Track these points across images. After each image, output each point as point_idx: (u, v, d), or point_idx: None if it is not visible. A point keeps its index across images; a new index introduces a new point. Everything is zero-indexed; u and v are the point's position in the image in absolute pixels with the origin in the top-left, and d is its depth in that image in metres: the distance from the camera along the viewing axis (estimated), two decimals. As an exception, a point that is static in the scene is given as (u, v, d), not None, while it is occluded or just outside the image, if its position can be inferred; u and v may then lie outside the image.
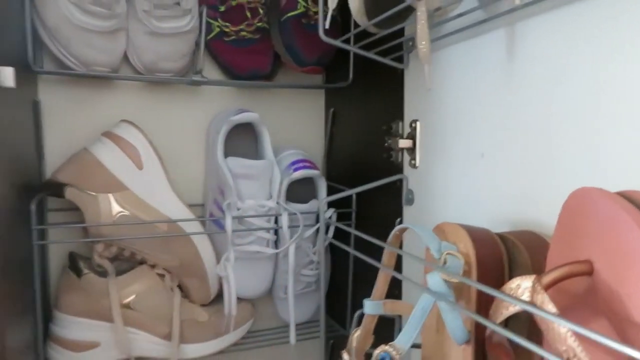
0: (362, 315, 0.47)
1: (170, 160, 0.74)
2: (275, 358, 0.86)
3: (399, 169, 0.61)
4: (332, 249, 0.83)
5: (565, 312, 0.28)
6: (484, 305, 0.36)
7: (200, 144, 0.79)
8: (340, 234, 0.75)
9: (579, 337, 0.25)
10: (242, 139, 0.76)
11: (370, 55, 0.58)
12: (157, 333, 0.70)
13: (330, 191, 0.71)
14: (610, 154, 0.35)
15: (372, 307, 0.45)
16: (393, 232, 0.44)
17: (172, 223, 0.69)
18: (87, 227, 0.66)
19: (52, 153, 0.70)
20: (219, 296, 0.75)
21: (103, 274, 0.69)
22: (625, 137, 0.34)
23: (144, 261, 0.71)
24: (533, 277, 0.28)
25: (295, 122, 0.84)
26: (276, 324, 0.85)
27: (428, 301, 0.37)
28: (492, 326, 0.30)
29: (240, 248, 0.71)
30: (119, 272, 0.70)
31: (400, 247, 0.47)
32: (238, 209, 0.70)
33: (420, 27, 0.43)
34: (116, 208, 0.67)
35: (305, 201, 0.75)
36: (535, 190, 0.41)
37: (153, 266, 0.72)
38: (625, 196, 0.28)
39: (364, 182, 0.60)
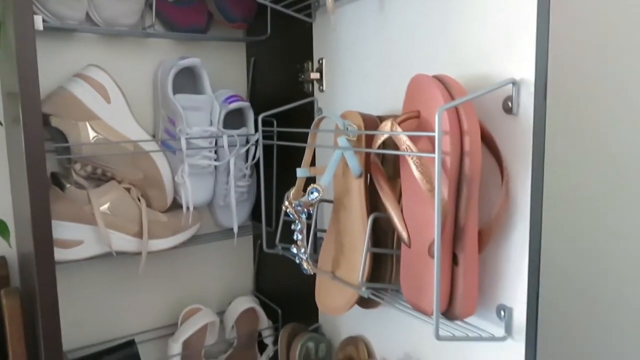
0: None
1: (127, 97, 0.92)
2: (217, 252, 1.09)
3: (310, 94, 0.87)
4: (259, 167, 1.07)
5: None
6: (369, 153, 0.63)
7: (148, 85, 0.98)
8: (265, 153, 0.99)
9: (411, 138, 0.53)
10: (185, 81, 0.97)
11: (285, 10, 0.82)
12: (129, 232, 0.89)
13: (255, 122, 0.95)
14: (432, 62, 0.63)
15: (302, 172, 0.71)
16: (315, 120, 0.69)
17: (137, 145, 0.89)
18: (71, 147, 0.83)
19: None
20: (173, 205, 0.96)
21: (82, 187, 0.87)
22: (437, 55, 0.62)
23: (113, 178, 0.90)
24: (391, 118, 0.55)
25: (224, 69, 1.06)
26: (216, 229, 1.08)
27: (338, 154, 0.64)
28: (371, 150, 0.57)
29: (192, 161, 0.93)
30: (94, 187, 0.88)
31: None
32: (187, 134, 0.91)
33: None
34: (92, 133, 0.85)
35: (237, 128, 0.98)
36: (399, 94, 0.69)
37: (120, 182, 0.91)
38: (436, 77, 0.56)
39: (284, 111, 0.85)
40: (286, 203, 0.69)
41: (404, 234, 0.59)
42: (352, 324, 0.82)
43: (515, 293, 0.55)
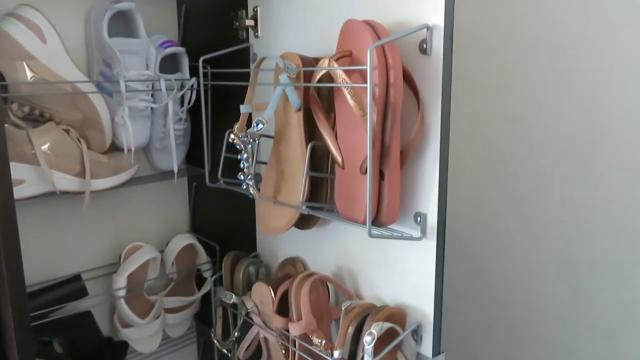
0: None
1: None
2: (154, 194, 1.15)
3: (245, 41, 0.94)
4: (194, 112, 1.12)
5: (342, 71, 0.65)
6: (307, 88, 0.72)
7: (80, 28, 0.98)
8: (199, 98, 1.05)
9: (345, 72, 0.62)
10: (118, 25, 0.99)
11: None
12: (71, 172, 0.92)
13: (192, 69, 1.00)
14: (358, 10, 0.73)
15: (245, 108, 0.78)
16: (257, 60, 0.77)
17: (75, 86, 0.91)
18: (8, 86, 0.84)
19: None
20: (110, 148, 1.00)
21: (20, 128, 0.88)
22: (363, 3, 0.72)
23: (51, 119, 0.92)
24: (328, 57, 0.64)
25: (156, 15, 1.09)
26: (152, 172, 1.12)
27: (280, 90, 0.72)
28: (310, 84, 0.66)
29: (130, 103, 0.96)
30: (32, 128, 0.89)
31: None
32: (125, 77, 0.95)
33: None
34: (29, 73, 0.86)
35: (171, 73, 1.02)
36: (328, 39, 0.78)
37: (59, 123, 0.93)
38: (365, 21, 0.66)
39: (219, 57, 0.90)
40: (232, 136, 0.77)
41: (339, 158, 0.70)
42: (288, 247, 0.93)
43: (428, 201, 0.67)
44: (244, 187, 0.78)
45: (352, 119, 0.67)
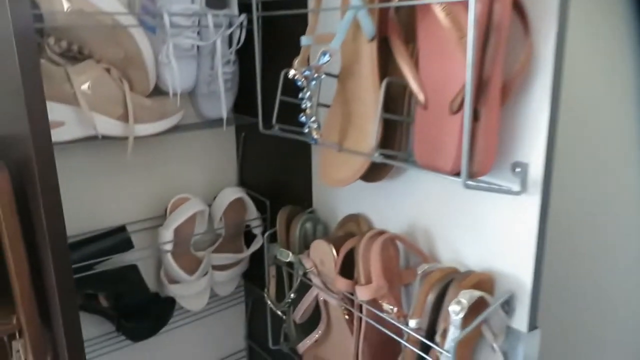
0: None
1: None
2: (200, 143, 1.06)
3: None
4: (242, 56, 1.01)
5: None
6: (385, 10, 0.60)
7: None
8: (249, 39, 0.94)
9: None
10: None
11: None
12: (112, 115, 0.84)
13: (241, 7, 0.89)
14: None
15: (306, 39, 0.67)
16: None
17: (115, 19, 0.82)
18: (44, 16, 0.76)
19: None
20: (155, 90, 0.91)
21: (57, 65, 0.80)
22: None
23: (90, 56, 0.83)
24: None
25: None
26: (198, 119, 1.03)
27: (350, 14, 0.61)
28: (390, 4, 0.54)
29: (175, 40, 0.86)
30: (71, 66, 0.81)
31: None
32: (168, 11, 0.85)
33: None
34: (66, 4, 0.77)
35: (219, 9, 0.92)
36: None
37: (99, 61, 0.84)
38: None
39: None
40: (292, 72, 0.66)
41: (421, 95, 0.58)
42: (350, 203, 0.83)
43: (531, 149, 0.56)
44: (306, 130, 0.68)
45: (441, 47, 0.55)
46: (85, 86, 0.81)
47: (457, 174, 0.56)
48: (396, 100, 0.66)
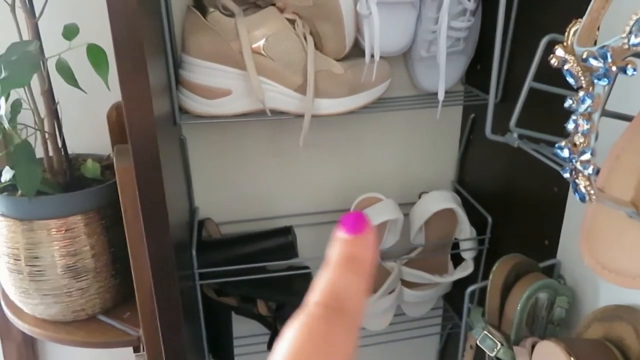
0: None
1: None
2: (410, 125, 0.79)
3: None
4: (486, 5, 0.68)
5: None
6: None
7: None
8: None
9: None
10: None
11: None
12: (289, 84, 0.64)
13: None
14: None
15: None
16: None
17: (305, -50, 0.58)
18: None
19: None
20: (353, 52, 0.66)
21: (230, 15, 0.62)
22: None
23: (272, 3, 0.63)
24: None
25: None
26: (412, 92, 0.75)
27: None
28: None
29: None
30: (246, 15, 0.62)
31: None
32: None
33: None
34: None
35: None
36: None
37: (283, 10, 0.63)
38: None
39: None
40: (561, 52, 0.33)
41: None
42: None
43: None
44: (567, 171, 0.35)
45: None
46: (259, 44, 0.61)
47: None
48: None
